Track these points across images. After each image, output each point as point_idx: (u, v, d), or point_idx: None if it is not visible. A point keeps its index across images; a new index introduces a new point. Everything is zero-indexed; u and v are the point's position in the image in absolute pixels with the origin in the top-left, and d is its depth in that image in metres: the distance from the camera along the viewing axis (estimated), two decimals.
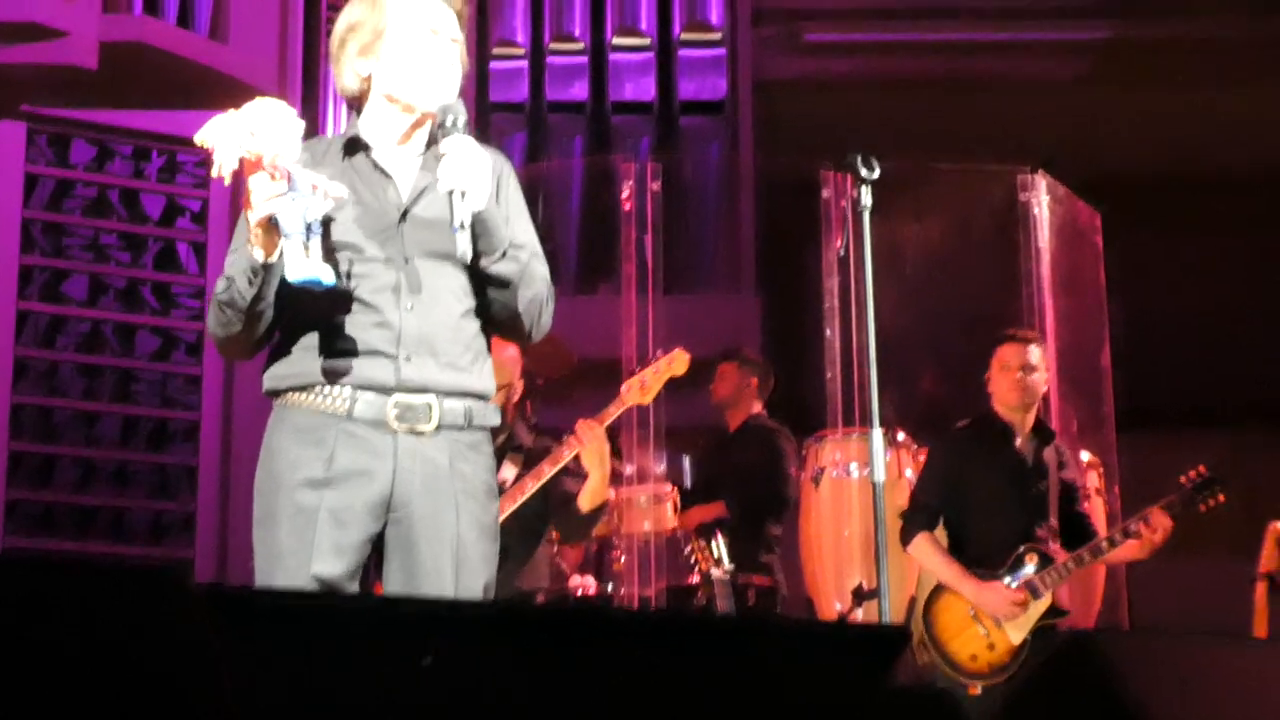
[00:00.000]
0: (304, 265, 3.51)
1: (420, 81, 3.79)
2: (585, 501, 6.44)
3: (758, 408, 8.25)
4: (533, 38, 10.99)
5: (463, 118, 3.70)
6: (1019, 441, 6.69)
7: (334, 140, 3.88)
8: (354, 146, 3.82)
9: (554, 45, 10.99)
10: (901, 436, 7.34)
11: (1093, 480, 7.49)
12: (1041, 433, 6.74)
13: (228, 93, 3.61)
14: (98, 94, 8.56)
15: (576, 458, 6.36)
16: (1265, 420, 11.11)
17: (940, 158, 7.62)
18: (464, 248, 3.60)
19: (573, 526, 6.61)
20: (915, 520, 6.62)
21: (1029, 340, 6.76)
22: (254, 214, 3.51)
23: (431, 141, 3.82)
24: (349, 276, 3.67)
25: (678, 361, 6.70)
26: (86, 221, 8.83)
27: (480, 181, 3.63)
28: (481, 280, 3.76)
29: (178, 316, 8.96)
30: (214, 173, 3.52)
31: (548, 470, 6.25)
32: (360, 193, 3.73)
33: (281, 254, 3.54)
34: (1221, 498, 6.59)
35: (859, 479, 7.22)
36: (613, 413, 6.54)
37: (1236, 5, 11.58)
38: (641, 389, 6.66)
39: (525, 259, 3.77)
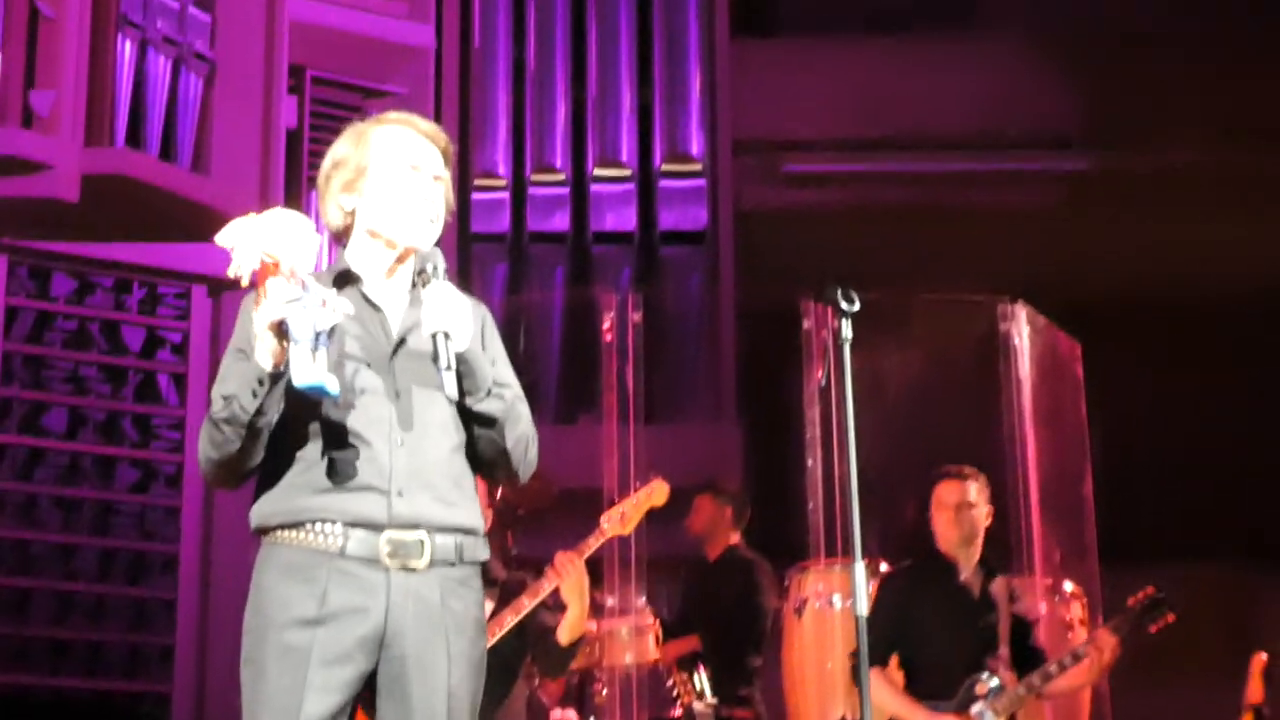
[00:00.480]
0: (311, 371, 3.48)
1: (400, 218, 3.81)
2: (564, 635, 6.42)
3: (735, 539, 8.24)
4: (514, 169, 11.05)
5: (442, 265, 3.73)
6: (964, 576, 6.73)
7: (323, 274, 3.85)
8: (345, 279, 3.83)
9: (535, 176, 11.04)
10: (884, 567, 7.31)
11: (1076, 611, 7.48)
12: (987, 566, 6.78)
13: (209, 224, 3.61)
14: (79, 226, 8.57)
15: (556, 591, 6.35)
16: (1249, 552, 11.10)
17: (920, 288, 7.64)
18: (451, 388, 3.63)
19: (552, 660, 6.59)
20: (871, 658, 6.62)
21: (965, 477, 6.79)
22: (268, 316, 3.49)
23: (422, 271, 3.83)
24: (341, 409, 3.67)
25: (657, 493, 6.73)
26: (67, 354, 8.82)
27: (462, 323, 3.66)
28: (469, 419, 3.77)
29: (157, 448, 8.94)
30: (230, 272, 3.51)
31: (527, 604, 6.24)
32: (352, 327, 3.73)
33: (287, 363, 3.52)
34: (1170, 618, 6.64)
35: (842, 610, 7.19)
36: (592, 544, 6.56)
37: (1213, 137, 11.68)
38: (621, 520, 6.68)
39: (510, 398, 3.79)
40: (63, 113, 8.29)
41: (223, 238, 3.53)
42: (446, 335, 3.63)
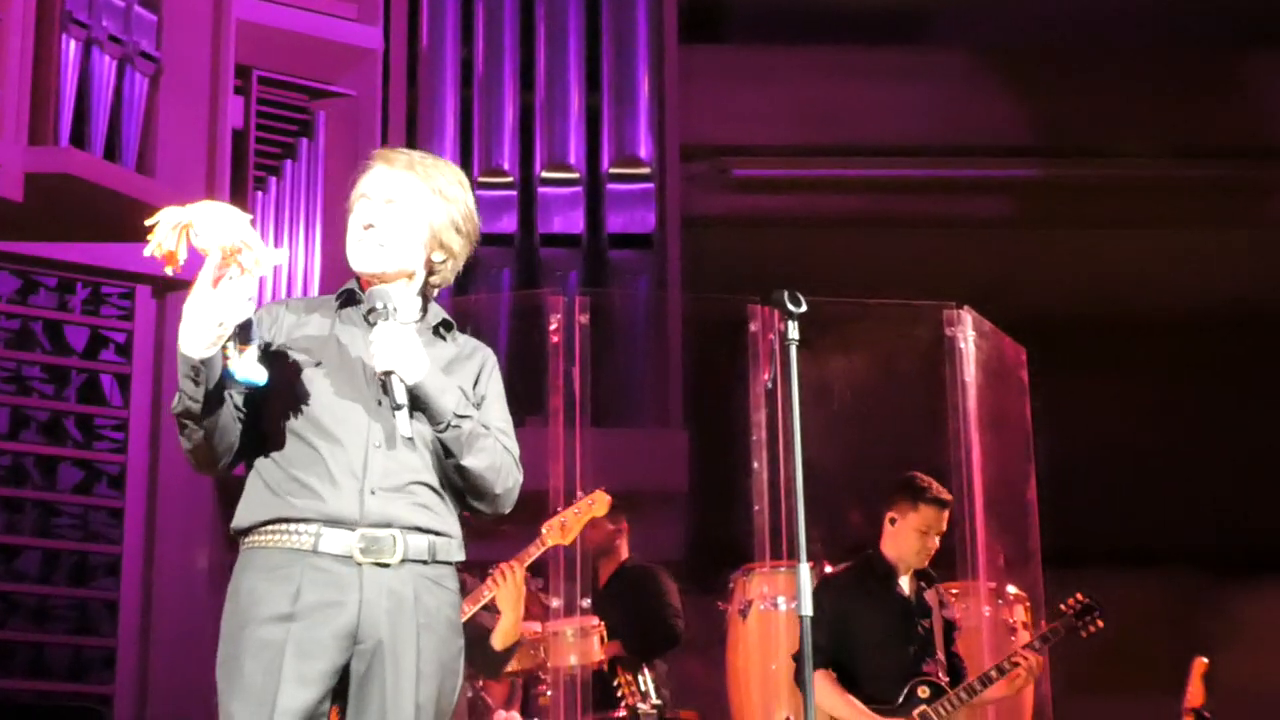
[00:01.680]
0: (246, 365, 3.62)
1: (350, 248, 3.93)
2: (498, 640, 6.64)
3: (625, 552, 8.19)
4: (462, 170, 11.03)
5: (391, 305, 3.79)
6: (902, 582, 6.78)
7: (330, 296, 4.01)
8: (348, 299, 3.94)
9: (483, 178, 11.02)
10: (829, 569, 7.32)
11: (1019, 614, 7.52)
12: (923, 574, 6.84)
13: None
14: (23, 226, 8.53)
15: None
16: (1190, 559, 11.16)
17: (867, 293, 7.66)
18: (404, 426, 3.70)
19: (486, 662, 6.68)
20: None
21: (947, 505, 6.87)
22: (231, 310, 3.56)
23: (425, 299, 3.98)
24: (320, 413, 3.76)
25: (599, 503, 6.82)
26: (9, 354, 8.79)
27: (408, 358, 3.73)
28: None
29: (100, 449, 8.90)
30: (147, 251, 3.58)
31: (467, 609, 6.29)
32: (344, 341, 3.85)
33: (219, 354, 3.61)
34: (1100, 623, 6.74)
35: (786, 612, 7.19)
36: (532, 553, 6.70)
37: (1161, 148, 11.75)
38: (562, 530, 6.79)
39: (470, 428, 3.81)
40: (6, 111, 8.25)
41: (166, 223, 3.56)
42: (398, 376, 3.71)
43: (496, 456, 3.87)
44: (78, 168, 8.36)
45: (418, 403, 3.74)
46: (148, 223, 3.57)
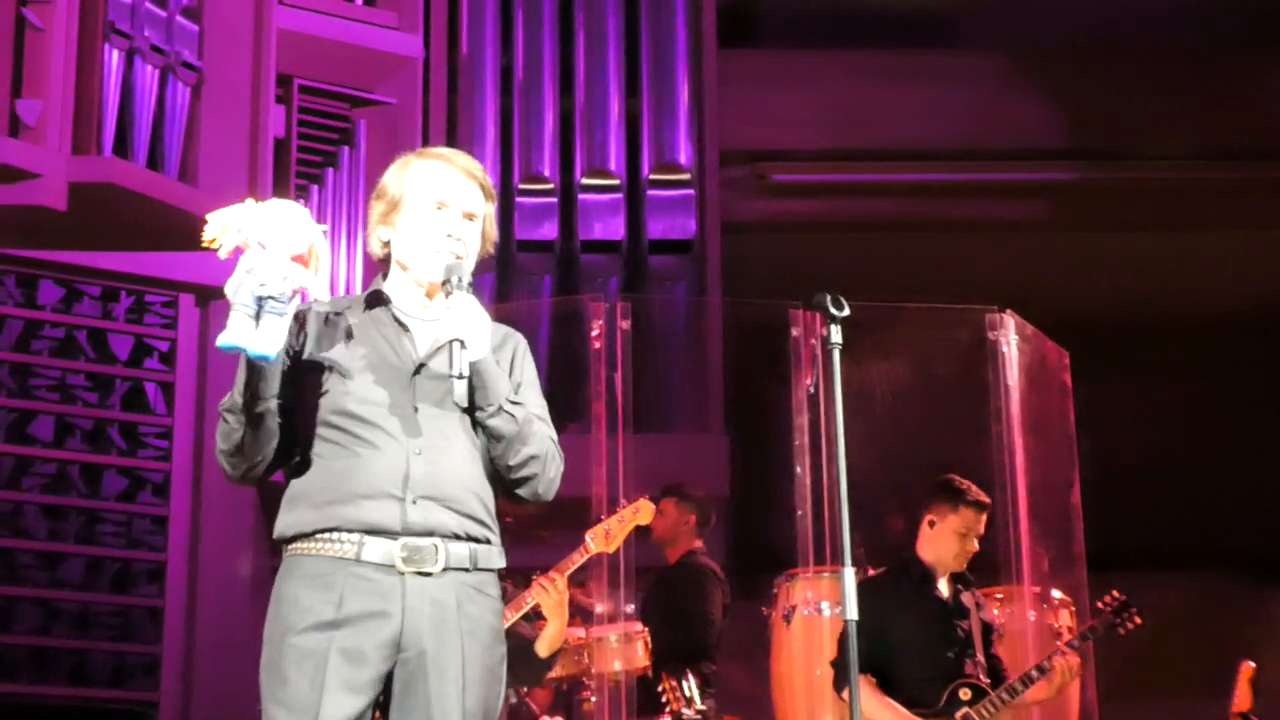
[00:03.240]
0: (233, 333, 3.58)
1: (421, 254, 3.91)
2: (543, 648, 6.65)
3: (697, 544, 8.23)
4: (502, 178, 11.04)
5: (467, 278, 3.83)
6: (940, 585, 6.76)
7: (357, 295, 4.03)
8: (376, 300, 3.95)
9: (524, 185, 11.04)
10: (872, 574, 7.31)
11: (1064, 619, 7.50)
12: (960, 577, 6.82)
13: (197, 234, 3.63)
14: (66, 235, 8.58)
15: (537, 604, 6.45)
16: (1234, 562, 11.13)
17: (907, 297, 7.66)
18: (460, 394, 3.74)
19: (530, 670, 6.68)
20: (847, 665, 6.62)
21: (986, 508, 6.85)
22: (226, 287, 3.60)
23: (446, 281, 3.92)
24: (360, 420, 3.76)
25: (642, 511, 6.82)
26: (54, 362, 8.82)
27: (479, 334, 3.75)
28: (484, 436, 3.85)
29: (145, 457, 8.93)
30: (204, 240, 3.63)
31: (510, 616, 6.30)
32: (377, 343, 3.86)
33: (276, 354, 3.63)
34: (1139, 620, 6.71)
35: (831, 617, 7.19)
36: (576, 561, 6.71)
37: (1196, 150, 11.72)
38: (606, 538, 6.78)
39: (523, 416, 3.83)
40: (50, 121, 8.30)
41: (212, 218, 3.62)
42: (462, 344, 3.71)
43: (543, 444, 3.88)
44: (120, 177, 8.39)
45: (474, 380, 3.76)
46: (206, 232, 3.61)
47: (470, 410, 3.80)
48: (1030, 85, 11.90)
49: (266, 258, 3.59)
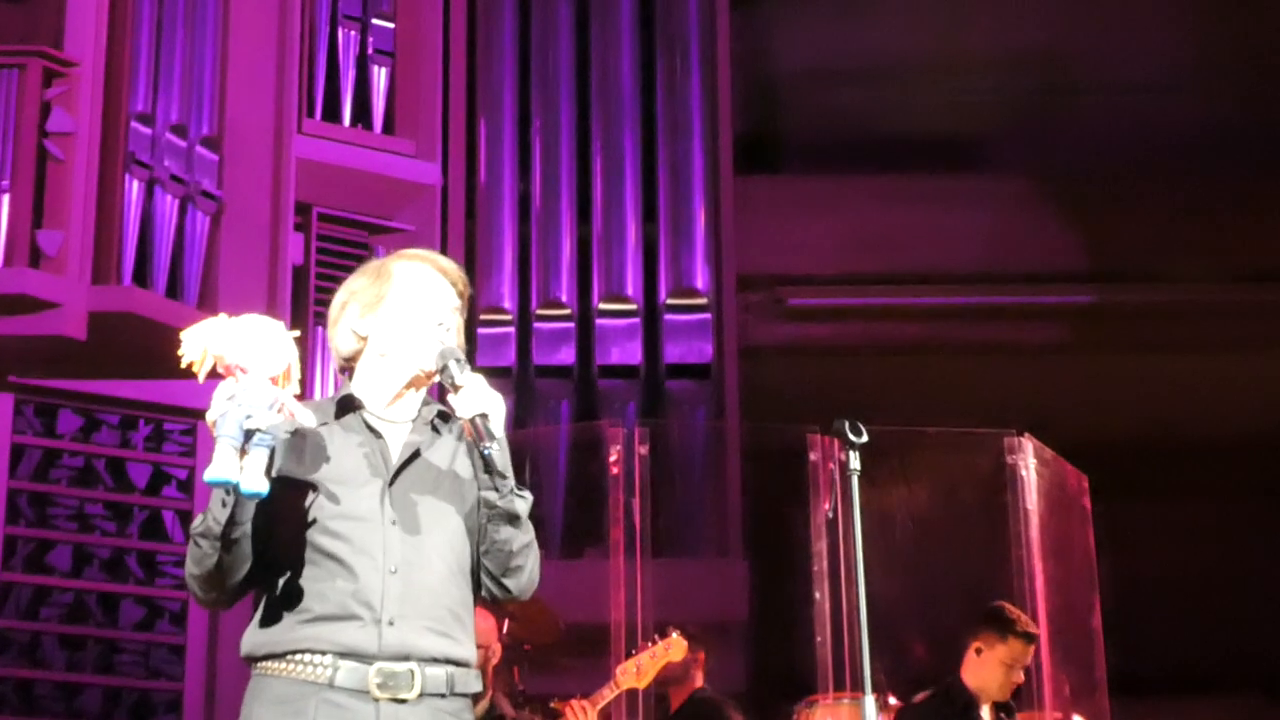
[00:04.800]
0: (220, 467, 3.45)
1: (417, 342, 3.82)
2: None
3: (700, 681, 8.14)
4: (520, 303, 11.08)
5: (463, 357, 3.76)
6: (983, 712, 6.72)
7: (327, 400, 3.91)
8: (347, 405, 3.84)
9: (541, 310, 11.07)
10: (893, 701, 7.27)
11: None
12: (1003, 706, 6.78)
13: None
14: (86, 364, 8.61)
15: None
16: (1256, 685, 11.05)
17: (926, 422, 7.65)
18: (503, 463, 3.68)
19: None
20: None
21: (1034, 639, 6.82)
22: (208, 415, 3.50)
23: (443, 395, 3.84)
24: (334, 536, 3.66)
25: (675, 648, 6.78)
26: (72, 491, 8.83)
27: (498, 407, 3.69)
28: (480, 529, 3.76)
29: (162, 585, 8.93)
30: (184, 362, 3.54)
31: None
32: (352, 453, 3.75)
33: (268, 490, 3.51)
34: None
35: None
36: (607, 696, 6.64)
37: (1214, 273, 11.74)
38: (637, 674, 6.71)
39: (529, 497, 3.78)
40: (70, 251, 8.36)
41: (186, 337, 3.53)
42: (485, 416, 3.65)
43: (531, 533, 3.81)
44: (140, 306, 8.44)
45: (489, 463, 3.69)
46: (184, 353, 3.54)
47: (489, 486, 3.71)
48: (1049, 209, 11.94)
49: (249, 385, 3.48)
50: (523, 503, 3.75)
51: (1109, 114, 12.25)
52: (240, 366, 3.49)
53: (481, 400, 3.66)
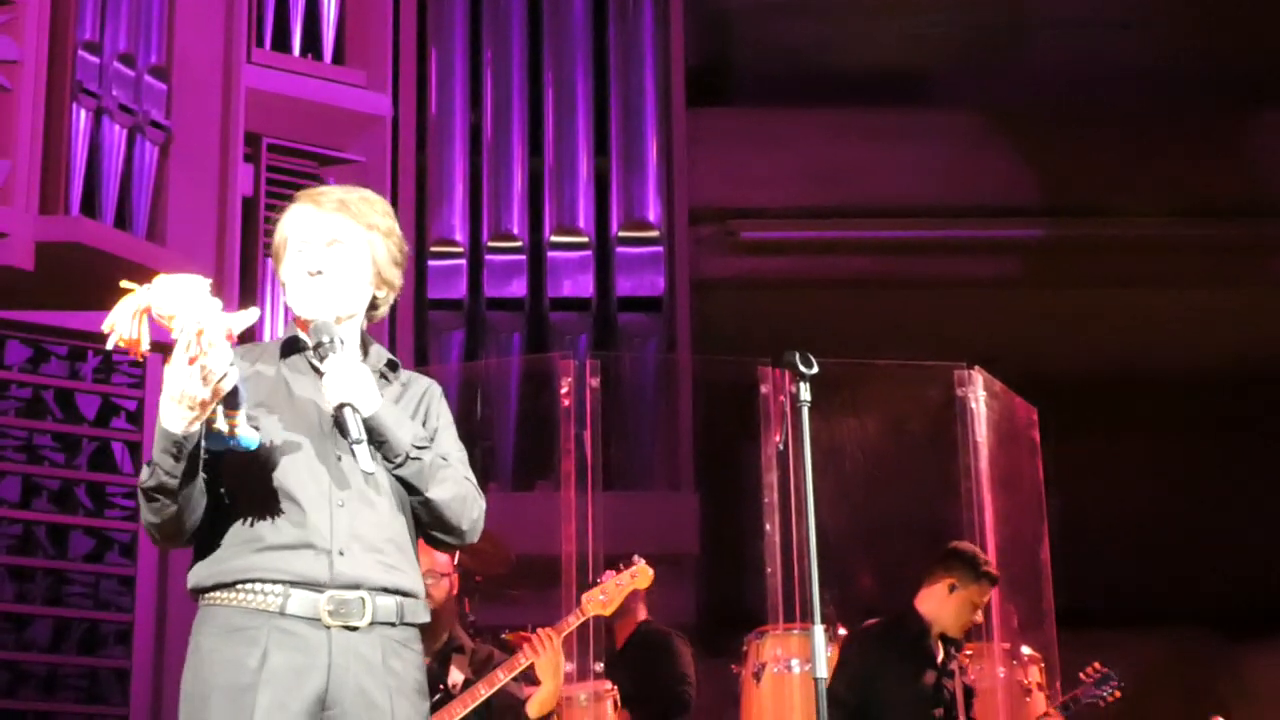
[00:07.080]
0: (248, 430, 3.54)
1: (291, 292, 3.87)
2: (534, 709, 6.53)
3: (644, 614, 8.16)
4: (471, 235, 11.04)
5: (336, 336, 3.75)
6: (933, 641, 6.78)
7: (273, 343, 3.93)
8: (291, 347, 3.87)
9: (493, 243, 11.03)
10: (842, 632, 7.30)
11: (1034, 675, 7.50)
12: (951, 639, 6.84)
13: None
14: (34, 295, 8.54)
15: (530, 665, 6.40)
16: (1203, 619, 11.14)
17: (877, 355, 7.67)
18: (365, 460, 3.65)
19: None
20: (835, 716, 6.62)
21: (997, 582, 6.90)
22: (208, 384, 3.44)
23: (364, 339, 3.91)
24: (283, 471, 3.67)
25: (641, 575, 6.75)
26: (20, 422, 8.78)
27: (363, 390, 3.69)
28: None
29: (112, 517, 8.89)
30: (110, 344, 3.54)
31: (501, 677, 6.28)
32: (296, 392, 3.78)
33: (201, 427, 3.51)
34: (1119, 694, 6.74)
35: (800, 674, 7.16)
36: (571, 623, 6.64)
37: (1165, 208, 11.76)
38: (604, 601, 6.70)
39: (430, 459, 3.78)
40: (17, 181, 8.28)
41: (115, 316, 3.51)
42: (352, 408, 3.66)
43: (460, 487, 3.82)
44: (88, 236, 8.37)
45: (374, 436, 3.68)
46: (104, 325, 3.51)
47: (372, 469, 3.71)
48: (1000, 143, 11.94)
49: (223, 343, 3.45)
50: (415, 466, 3.75)
51: (1061, 49, 12.26)
52: (170, 315, 3.45)
53: (342, 390, 3.67)
